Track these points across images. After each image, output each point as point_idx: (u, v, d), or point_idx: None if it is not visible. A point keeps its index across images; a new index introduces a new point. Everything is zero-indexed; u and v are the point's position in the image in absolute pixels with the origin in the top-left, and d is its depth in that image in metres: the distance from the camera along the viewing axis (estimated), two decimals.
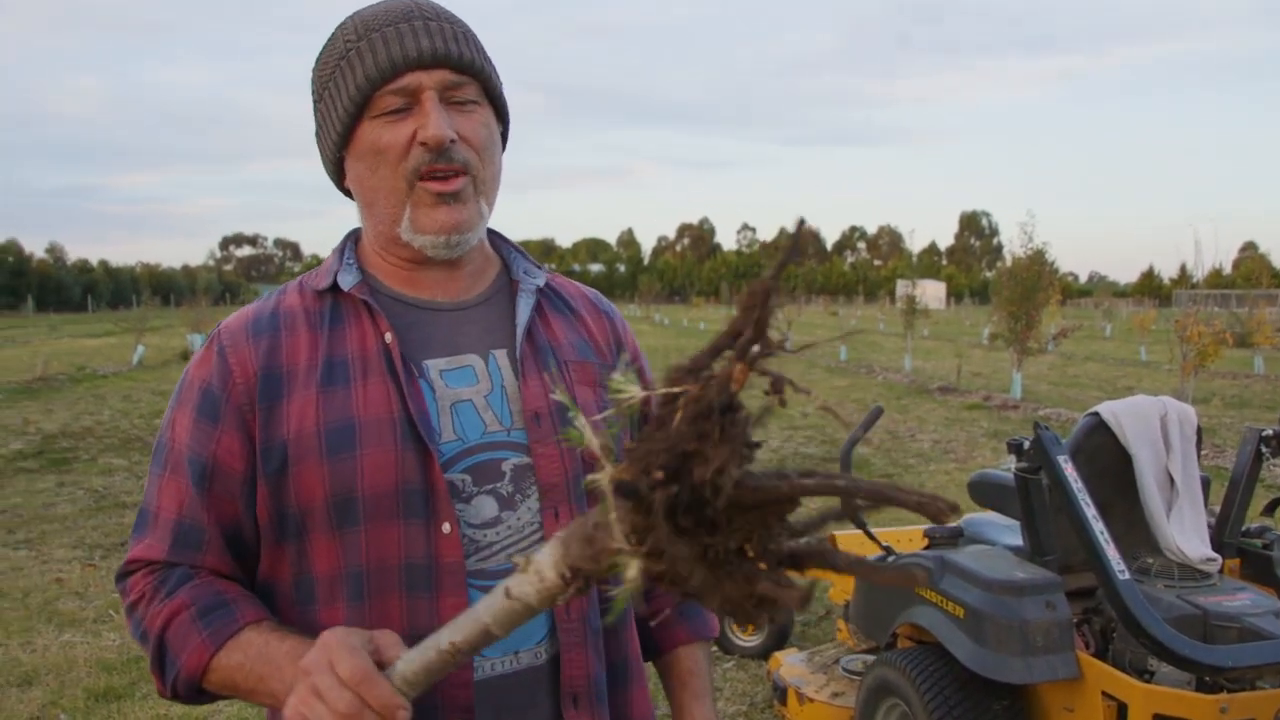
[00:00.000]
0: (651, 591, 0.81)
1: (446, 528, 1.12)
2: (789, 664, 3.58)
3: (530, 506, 1.17)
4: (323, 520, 1.12)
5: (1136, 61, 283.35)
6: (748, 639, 4.37)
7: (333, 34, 1.20)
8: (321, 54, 1.20)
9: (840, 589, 3.80)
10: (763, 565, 0.64)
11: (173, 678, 1.10)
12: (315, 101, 1.21)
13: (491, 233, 1.32)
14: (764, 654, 4.17)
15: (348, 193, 1.24)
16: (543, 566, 0.75)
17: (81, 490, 7.86)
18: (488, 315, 1.24)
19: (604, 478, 0.67)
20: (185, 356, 20.96)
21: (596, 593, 1.17)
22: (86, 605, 5.11)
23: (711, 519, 0.63)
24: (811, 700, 3.31)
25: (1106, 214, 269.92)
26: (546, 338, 1.25)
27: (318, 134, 1.22)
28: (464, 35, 1.18)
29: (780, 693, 3.47)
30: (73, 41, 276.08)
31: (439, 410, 1.16)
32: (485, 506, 1.15)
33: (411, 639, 0.94)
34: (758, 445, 0.65)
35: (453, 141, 1.13)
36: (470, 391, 1.18)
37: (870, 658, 3.33)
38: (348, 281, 1.19)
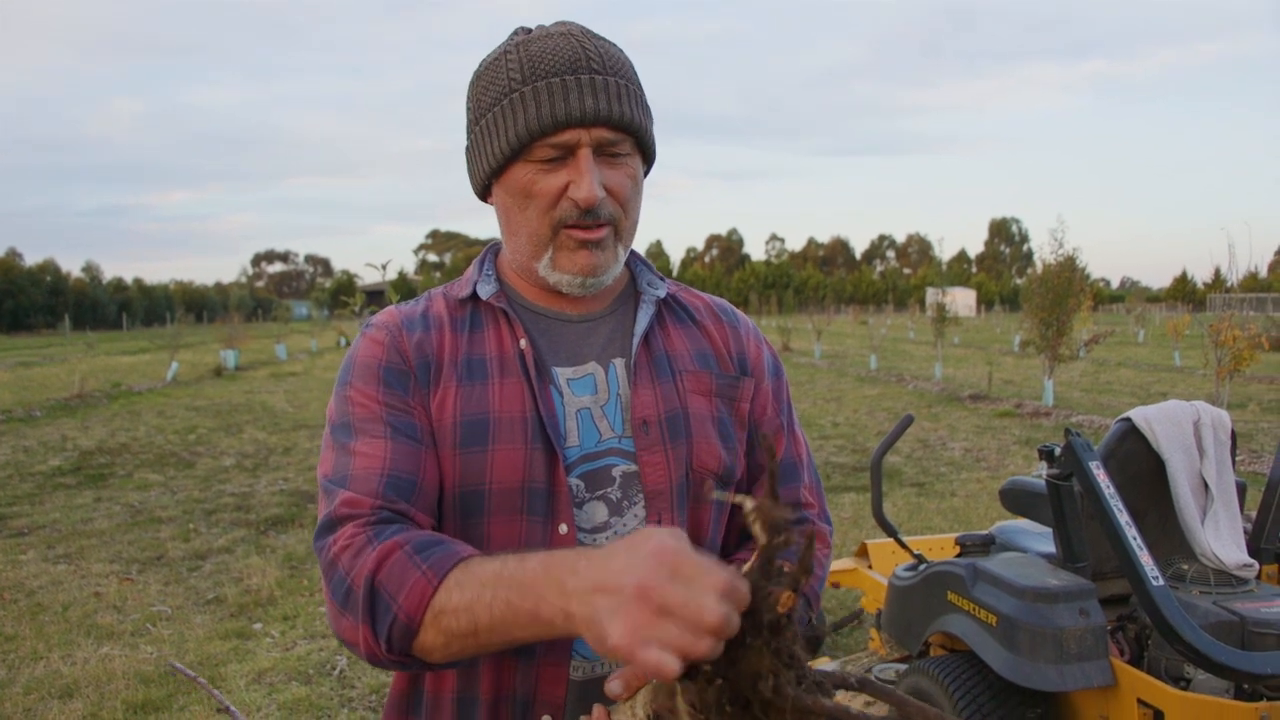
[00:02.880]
0: None
1: (563, 528, 1.17)
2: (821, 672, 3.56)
3: (636, 513, 1.21)
4: (451, 507, 1.17)
5: (1169, 64, 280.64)
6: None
7: (495, 58, 1.20)
8: (483, 75, 1.21)
9: (872, 598, 3.79)
10: None
11: (389, 624, 0.99)
12: (471, 122, 1.23)
13: None
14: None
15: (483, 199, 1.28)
16: (637, 704, 0.89)
17: (118, 505, 7.97)
18: (610, 326, 1.29)
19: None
20: (218, 373, 21.22)
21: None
22: (124, 619, 5.18)
23: (753, 711, 0.77)
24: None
25: (1138, 218, 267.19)
26: (665, 347, 1.29)
27: (470, 151, 1.25)
28: (626, 90, 1.18)
29: None
30: (107, 66, 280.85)
31: (566, 415, 1.21)
32: (597, 511, 1.20)
33: None
34: (798, 659, 0.78)
35: (602, 198, 1.16)
36: (590, 400, 1.23)
37: (903, 666, 3.32)
38: (486, 291, 1.26)
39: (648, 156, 1.26)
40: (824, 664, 3.65)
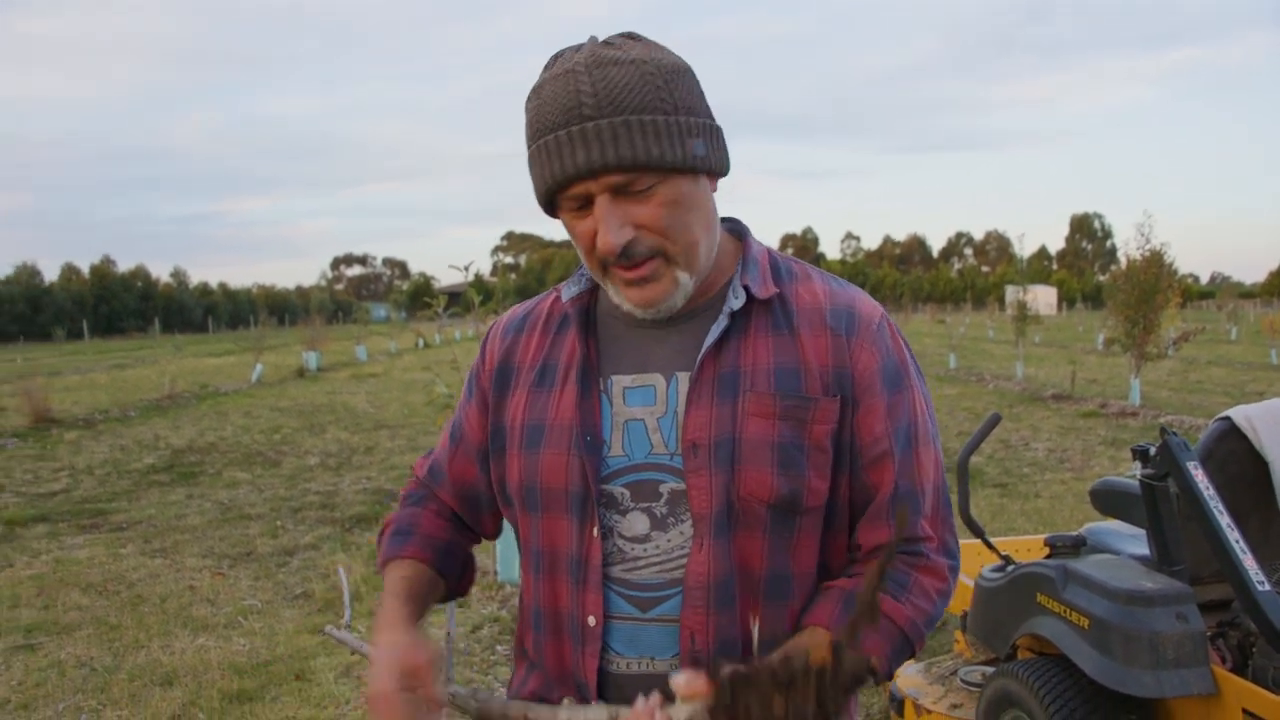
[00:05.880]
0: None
1: (595, 532, 1.21)
2: (906, 675, 3.53)
3: (683, 531, 1.20)
4: (518, 501, 1.29)
5: (1258, 49, 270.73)
6: None
7: (527, 99, 1.19)
8: (526, 103, 1.19)
9: (958, 599, 3.73)
10: None
11: (378, 564, 1.40)
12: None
13: (741, 238, 1.33)
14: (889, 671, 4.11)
15: None
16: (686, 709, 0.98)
17: (209, 503, 8.23)
18: (684, 335, 1.25)
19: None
20: (301, 374, 21.74)
21: (742, 627, 1.18)
22: (217, 611, 5.34)
23: None
24: (929, 711, 3.26)
25: (1229, 212, 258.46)
26: (737, 362, 1.21)
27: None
28: (632, 127, 1.11)
29: (897, 704, 3.43)
30: (186, 80, 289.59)
31: (612, 425, 1.23)
32: (638, 522, 1.21)
33: (569, 620, 1.23)
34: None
35: (632, 238, 1.14)
36: (644, 411, 1.23)
37: (989, 669, 3.26)
38: (569, 293, 1.31)
39: (713, 170, 1.20)
40: (908, 664, 3.61)
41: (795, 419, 1.19)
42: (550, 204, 1.19)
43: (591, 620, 1.21)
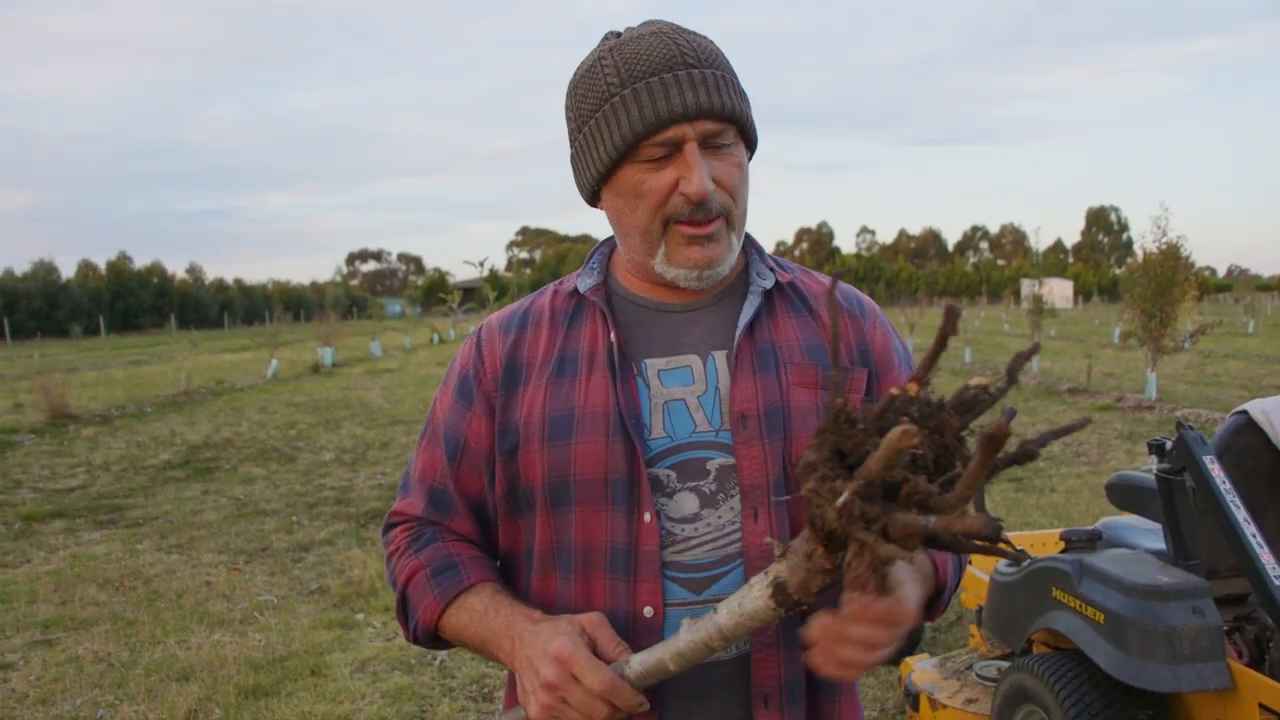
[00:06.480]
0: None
1: (647, 517, 1.19)
2: (921, 669, 3.52)
3: (732, 506, 1.20)
4: (542, 499, 1.23)
5: (1272, 40, 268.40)
6: None
7: (590, 65, 1.22)
8: (579, 84, 1.23)
9: (972, 594, 3.72)
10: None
11: (413, 626, 1.26)
12: (573, 130, 1.25)
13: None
14: (895, 660, 4.11)
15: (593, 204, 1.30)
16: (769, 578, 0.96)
17: (225, 498, 8.27)
18: (714, 316, 1.28)
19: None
20: (316, 370, 21.82)
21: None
22: (233, 607, 5.37)
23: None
24: (945, 706, 3.25)
25: (1247, 204, 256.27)
26: (772, 338, 1.27)
27: (574, 160, 1.27)
28: (725, 80, 1.19)
29: (912, 699, 3.42)
30: (204, 75, 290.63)
31: (651, 408, 1.22)
32: (687, 502, 1.20)
33: (612, 616, 1.15)
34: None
35: (713, 190, 1.17)
36: (684, 391, 1.24)
37: (1004, 664, 3.25)
38: (586, 285, 1.30)
39: (750, 144, 1.26)
40: (923, 659, 3.60)
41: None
42: (622, 157, 1.18)
43: (649, 611, 1.18)
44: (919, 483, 0.81)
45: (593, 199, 1.28)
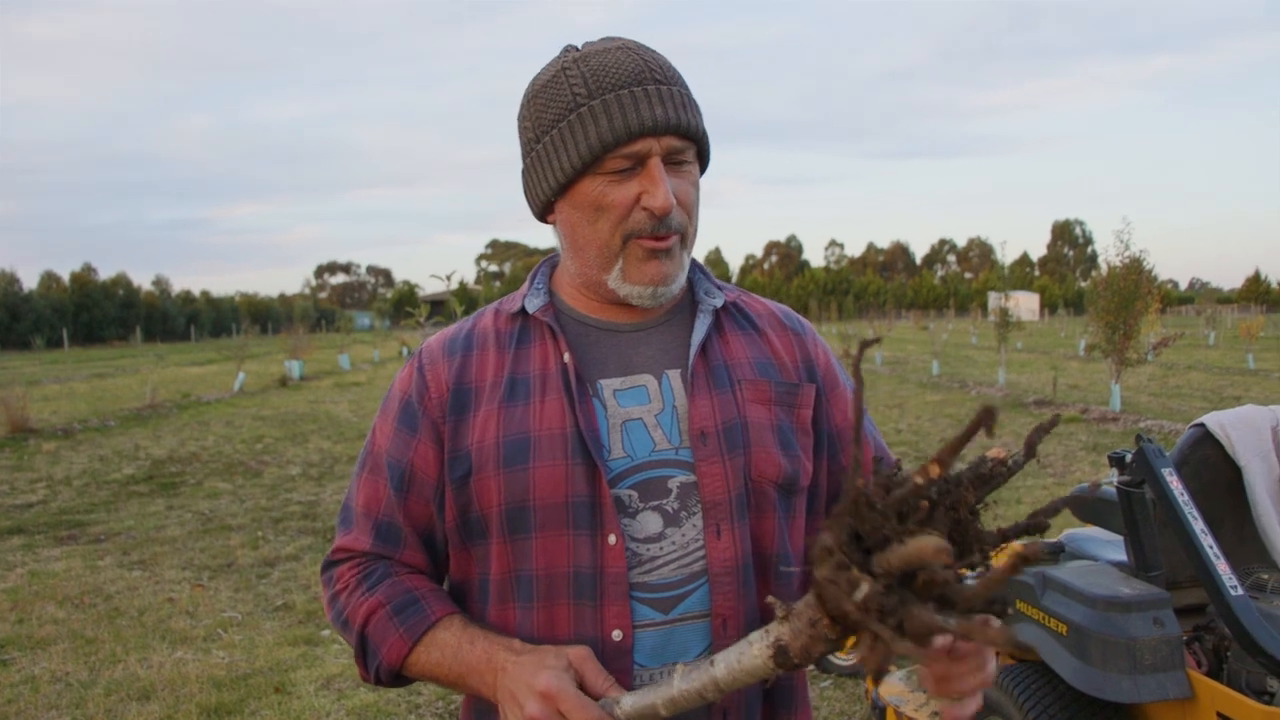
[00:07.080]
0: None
1: (612, 539, 1.17)
2: (888, 682, 3.53)
3: (695, 524, 1.19)
4: (498, 526, 1.20)
5: (1237, 57, 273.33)
6: (844, 658, 4.33)
7: (554, 75, 1.21)
8: (540, 93, 1.22)
9: None
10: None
11: (375, 668, 1.22)
12: (529, 141, 1.23)
13: None
14: (862, 673, 4.12)
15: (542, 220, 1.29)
16: (766, 637, 0.95)
17: (189, 513, 8.17)
18: (665, 336, 1.29)
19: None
20: (284, 383, 21.64)
21: (761, 609, 1.21)
22: (197, 624, 5.30)
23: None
24: (911, 719, 3.26)
25: (1207, 218, 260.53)
26: (723, 356, 1.28)
27: (529, 171, 1.25)
28: (688, 99, 1.21)
29: (879, 712, 3.43)
30: (175, 84, 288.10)
31: (609, 428, 1.21)
32: (650, 522, 1.19)
33: (577, 644, 1.14)
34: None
35: (675, 206, 1.18)
36: (641, 410, 1.23)
37: None
38: (534, 305, 1.28)
39: (704, 164, 1.28)
40: (891, 672, 3.62)
41: (786, 404, 1.28)
42: (584, 169, 1.17)
43: (618, 634, 1.16)
44: (937, 571, 0.79)
45: (544, 212, 1.27)
